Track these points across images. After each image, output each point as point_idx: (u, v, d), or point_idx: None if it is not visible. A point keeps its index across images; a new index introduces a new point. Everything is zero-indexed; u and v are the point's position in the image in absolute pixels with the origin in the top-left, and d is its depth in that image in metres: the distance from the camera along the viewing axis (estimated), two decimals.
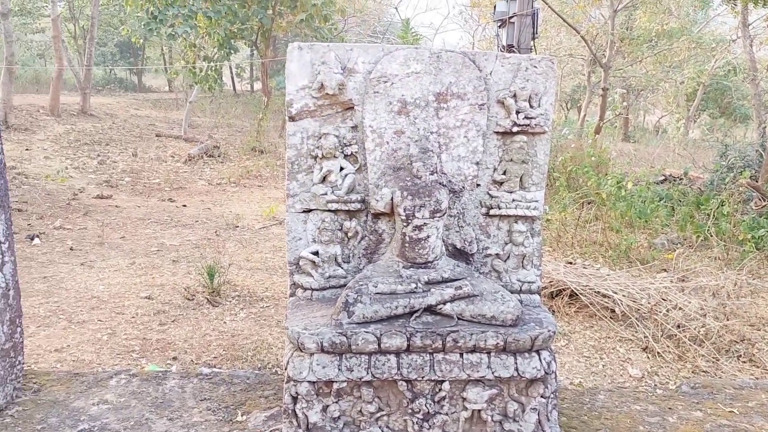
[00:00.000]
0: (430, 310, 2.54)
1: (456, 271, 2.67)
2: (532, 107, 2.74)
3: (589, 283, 5.46)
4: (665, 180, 10.71)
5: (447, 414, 2.56)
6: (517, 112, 2.73)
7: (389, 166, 2.74)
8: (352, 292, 2.53)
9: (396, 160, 2.74)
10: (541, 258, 2.95)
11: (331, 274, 2.81)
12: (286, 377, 2.52)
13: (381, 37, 23.01)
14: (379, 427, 2.57)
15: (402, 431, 2.58)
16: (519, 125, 2.74)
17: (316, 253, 2.80)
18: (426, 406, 2.53)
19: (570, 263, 6.29)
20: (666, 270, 6.20)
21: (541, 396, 2.57)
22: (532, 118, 2.73)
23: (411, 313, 2.52)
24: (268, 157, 13.69)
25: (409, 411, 2.54)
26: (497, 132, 2.78)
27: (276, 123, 16.65)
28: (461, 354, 2.49)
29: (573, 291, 5.40)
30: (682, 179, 10.27)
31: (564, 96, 26.83)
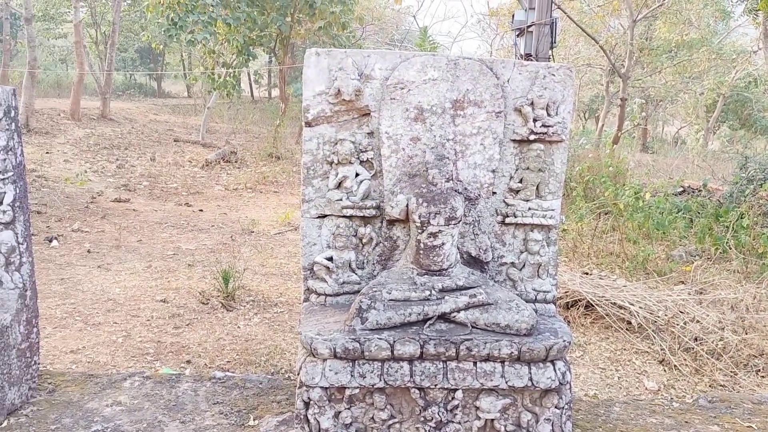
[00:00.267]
0: (444, 317, 2.52)
1: (471, 279, 2.65)
2: (549, 115, 2.72)
3: (605, 294, 5.41)
4: (684, 191, 10.59)
5: (460, 423, 2.54)
6: (535, 120, 2.71)
7: (405, 172, 2.73)
8: (365, 298, 2.52)
9: (412, 166, 2.73)
10: (557, 267, 2.92)
11: (345, 280, 2.81)
12: (298, 382, 2.51)
13: (399, 46, 23.06)
14: None
15: None
16: (536, 133, 2.72)
17: (330, 259, 2.79)
18: (439, 414, 2.51)
19: (586, 274, 6.24)
20: (684, 282, 6.13)
21: (556, 407, 2.55)
22: (549, 126, 2.71)
23: (425, 321, 2.51)
24: (284, 164, 13.77)
25: (422, 419, 2.52)
26: (514, 140, 2.77)
27: (293, 129, 16.74)
28: (475, 363, 2.47)
29: (589, 302, 5.36)
30: (701, 191, 10.15)
31: (582, 106, 26.71)
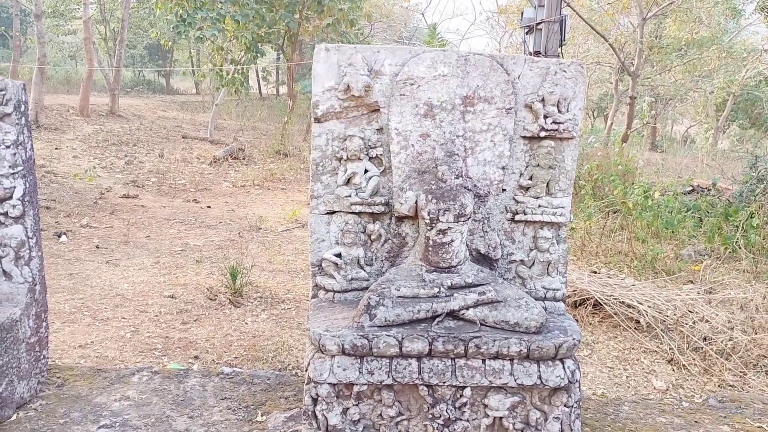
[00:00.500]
0: (452, 315, 2.51)
1: (480, 277, 2.64)
2: (560, 112, 2.70)
3: (614, 293, 5.38)
4: (693, 190, 10.53)
5: (468, 420, 2.53)
6: (545, 116, 2.69)
7: (414, 169, 2.72)
8: (374, 294, 2.52)
9: (421, 163, 2.72)
10: (567, 265, 2.91)
11: (354, 276, 2.80)
12: (306, 378, 2.51)
13: (407, 43, 23.04)
14: None
15: None
16: (547, 130, 2.70)
17: (338, 255, 2.79)
18: (447, 411, 2.50)
19: (594, 272, 6.20)
20: (692, 282, 6.09)
21: (565, 405, 2.53)
22: (560, 123, 2.70)
23: (433, 318, 2.50)
24: (292, 161, 13.77)
25: (430, 416, 2.51)
26: (524, 136, 2.75)
27: (300, 127, 16.75)
28: (483, 360, 2.46)
29: (597, 300, 5.33)
30: (710, 190, 10.09)
31: (591, 104, 26.61)
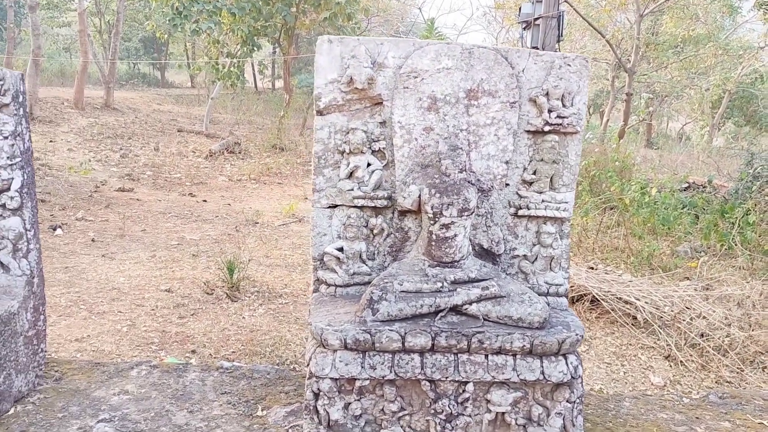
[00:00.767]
0: (455, 310, 2.50)
1: (483, 272, 2.63)
2: (564, 106, 2.69)
3: (611, 289, 5.38)
4: (689, 187, 10.57)
5: (470, 416, 2.51)
6: (549, 110, 2.67)
7: (417, 163, 2.70)
8: (376, 289, 2.50)
9: (424, 157, 2.70)
10: (569, 261, 2.89)
11: (356, 270, 2.78)
12: (308, 373, 2.49)
13: (404, 37, 22.97)
14: (401, 427, 2.54)
15: None
16: (551, 124, 2.69)
17: (340, 249, 2.76)
18: (449, 407, 2.49)
19: (591, 268, 6.20)
20: (689, 278, 6.10)
21: (567, 401, 2.52)
22: (564, 117, 2.68)
23: (436, 313, 2.48)
24: (288, 155, 13.73)
25: (432, 411, 2.50)
26: (528, 131, 2.73)
27: (297, 121, 16.70)
28: (486, 355, 2.45)
29: (594, 296, 5.33)
30: (706, 187, 10.12)
31: (587, 100, 26.62)
